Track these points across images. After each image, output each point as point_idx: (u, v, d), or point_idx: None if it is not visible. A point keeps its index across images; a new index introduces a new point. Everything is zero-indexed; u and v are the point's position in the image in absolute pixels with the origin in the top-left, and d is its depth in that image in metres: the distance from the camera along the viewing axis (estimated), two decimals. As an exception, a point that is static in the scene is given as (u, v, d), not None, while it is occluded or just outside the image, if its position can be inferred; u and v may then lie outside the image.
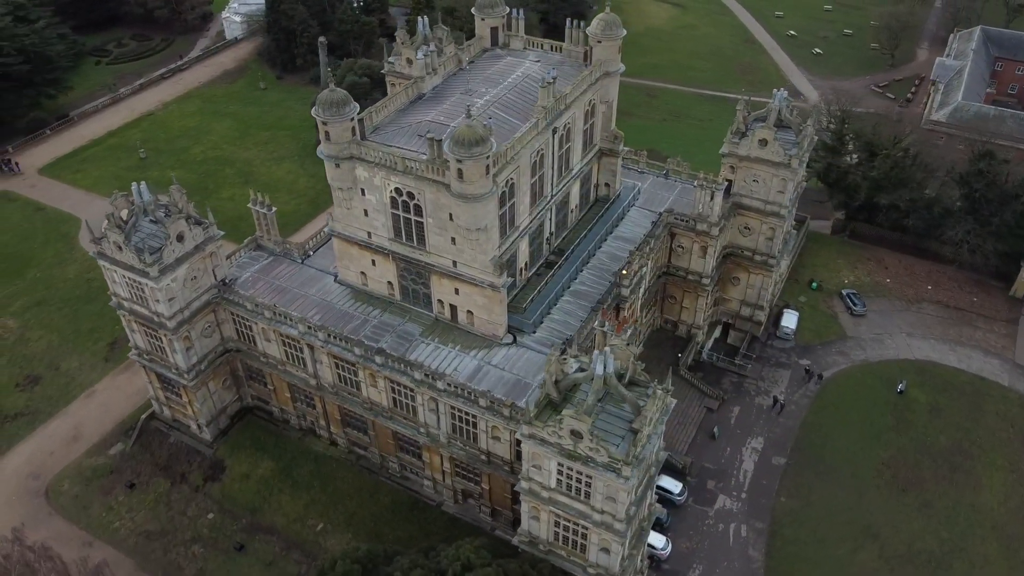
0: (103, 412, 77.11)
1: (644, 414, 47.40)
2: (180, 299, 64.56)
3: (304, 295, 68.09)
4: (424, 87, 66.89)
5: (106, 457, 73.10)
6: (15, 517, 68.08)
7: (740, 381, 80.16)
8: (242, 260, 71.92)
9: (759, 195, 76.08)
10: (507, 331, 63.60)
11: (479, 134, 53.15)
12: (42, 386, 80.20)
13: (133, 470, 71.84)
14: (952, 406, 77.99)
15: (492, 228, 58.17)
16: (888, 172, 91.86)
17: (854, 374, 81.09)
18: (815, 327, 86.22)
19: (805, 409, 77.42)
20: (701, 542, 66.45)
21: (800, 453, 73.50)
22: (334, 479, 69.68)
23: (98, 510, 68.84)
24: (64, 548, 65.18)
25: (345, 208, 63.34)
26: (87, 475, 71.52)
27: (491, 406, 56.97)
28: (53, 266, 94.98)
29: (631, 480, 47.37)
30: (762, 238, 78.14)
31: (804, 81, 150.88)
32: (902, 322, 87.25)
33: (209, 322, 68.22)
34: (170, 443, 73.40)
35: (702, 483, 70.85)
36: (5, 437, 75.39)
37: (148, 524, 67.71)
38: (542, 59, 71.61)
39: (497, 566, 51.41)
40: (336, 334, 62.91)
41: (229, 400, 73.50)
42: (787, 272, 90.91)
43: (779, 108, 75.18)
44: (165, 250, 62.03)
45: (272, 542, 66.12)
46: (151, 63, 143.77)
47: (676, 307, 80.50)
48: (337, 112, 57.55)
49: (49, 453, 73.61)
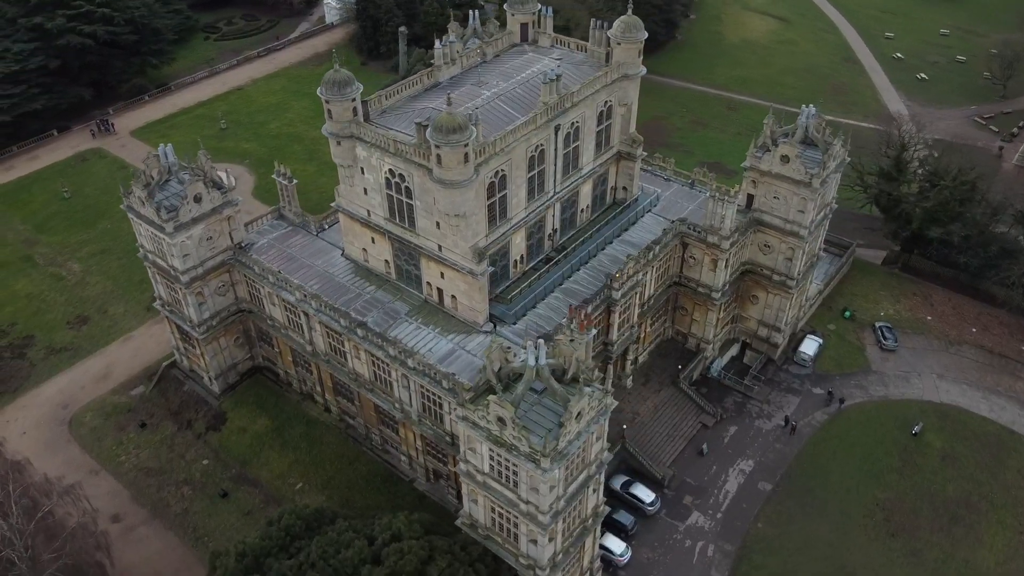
0: (134, 356, 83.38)
1: (570, 409, 47.63)
2: (194, 256, 69.25)
3: (310, 265, 71.53)
4: (441, 76, 68.91)
5: (127, 397, 79.11)
6: (39, 439, 74.95)
7: (744, 402, 78.19)
8: (263, 227, 76.18)
9: (779, 213, 74.01)
10: (488, 319, 64.74)
11: (457, 122, 54.63)
12: (88, 326, 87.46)
13: (147, 411, 77.47)
14: (969, 456, 73.44)
15: (473, 216, 59.50)
16: (943, 204, 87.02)
17: (868, 409, 77.54)
18: (838, 357, 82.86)
19: (805, 438, 74.76)
20: (664, 555, 65.56)
21: (789, 481, 71.14)
22: (321, 443, 72.87)
23: (109, 444, 74.69)
24: (72, 472, 71.53)
25: (348, 185, 66.26)
26: (108, 411, 77.65)
27: (452, 388, 58.36)
28: (122, 220, 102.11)
29: (549, 472, 47.74)
30: (781, 257, 75.96)
31: (900, 106, 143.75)
32: (935, 362, 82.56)
33: (224, 281, 72.74)
34: (184, 391, 78.64)
35: (679, 497, 69.79)
36: (48, 367, 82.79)
37: (149, 462, 72.94)
38: (564, 57, 72.22)
39: (425, 541, 52.86)
40: (327, 304, 65.94)
41: (241, 358, 78.00)
42: (818, 298, 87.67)
43: (806, 124, 72.92)
44: (182, 209, 66.77)
45: (254, 494, 69.95)
46: (253, 42, 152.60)
47: (687, 319, 79.28)
48: (339, 92, 60.38)
49: (80, 387, 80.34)
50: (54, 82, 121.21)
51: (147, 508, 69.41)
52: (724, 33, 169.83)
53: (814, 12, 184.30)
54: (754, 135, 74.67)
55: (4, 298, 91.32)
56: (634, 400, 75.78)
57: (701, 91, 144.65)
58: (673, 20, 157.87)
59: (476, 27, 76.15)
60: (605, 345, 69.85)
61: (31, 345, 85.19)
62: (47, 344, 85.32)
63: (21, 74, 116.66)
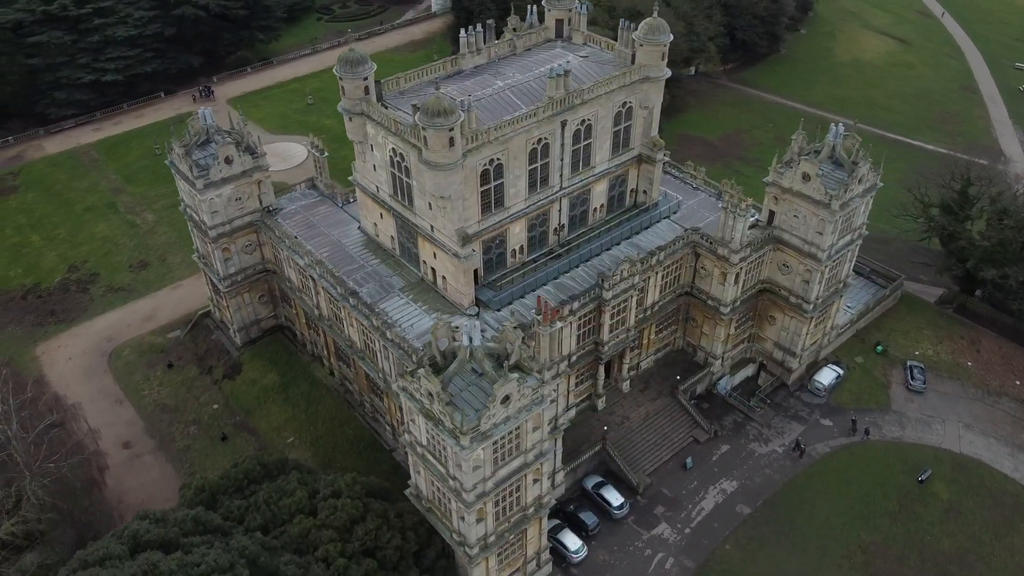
0: (178, 303, 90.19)
1: (495, 392, 48.62)
2: (223, 214, 74.42)
3: (326, 234, 75.28)
4: (465, 64, 70.90)
5: (163, 339, 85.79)
6: (80, 365, 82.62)
7: (744, 422, 76.14)
8: (295, 195, 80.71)
9: (799, 232, 71.63)
10: (474, 303, 66.27)
11: (443, 106, 56.41)
12: (147, 271, 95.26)
13: (177, 354, 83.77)
14: (977, 512, 68.73)
15: (459, 199, 61.14)
16: (1003, 244, 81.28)
17: (876, 448, 73.80)
18: (858, 391, 79.12)
19: (800, 468, 72.06)
20: (621, 560, 65.16)
21: (770, 508, 68.90)
22: (319, 404, 76.64)
23: (138, 378, 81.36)
24: (99, 399, 78.72)
25: (361, 161, 69.40)
26: (144, 349, 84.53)
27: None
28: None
29: (469, 451, 48.93)
30: (799, 279, 73.47)
31: (1015, 143, 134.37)
32: (964, 410, 77.41)
33: (251, 241, 77.68)
34: (211, 339, 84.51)
35: (651, 506, 69.01)
36: (104, 304, 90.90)
37: (167, 399, 79.01)
38: (591, 56, 72.52)
39: (361, 502, 55.23)
40: (329, 271, 69.42)
41: (265, 315, 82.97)
42: (850, 328, 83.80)
43: (834, 143, 70.17)
44: (212, 168, 71.95)
45: (250, 441, 74.54)
46: (360, 25, 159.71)
47: (697, 332, 77.91)
48: (351, 70, 63.44)
49: (127, 324, 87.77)
50: (167, 48, 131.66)
51: (155, 440, 75.32)
52: (834, 50, 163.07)
53: (940, 35, 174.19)
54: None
55: (84, 238, 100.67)
56: (628, 405, 75.30)
57: (793, 107, 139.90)
58: (777, 33, 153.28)
59: (532, 22, 77.69)
60: (596, 345, 69.83)
61: (95, 282, 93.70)
62: (108, 283, 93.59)
63: (138, 38, 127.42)
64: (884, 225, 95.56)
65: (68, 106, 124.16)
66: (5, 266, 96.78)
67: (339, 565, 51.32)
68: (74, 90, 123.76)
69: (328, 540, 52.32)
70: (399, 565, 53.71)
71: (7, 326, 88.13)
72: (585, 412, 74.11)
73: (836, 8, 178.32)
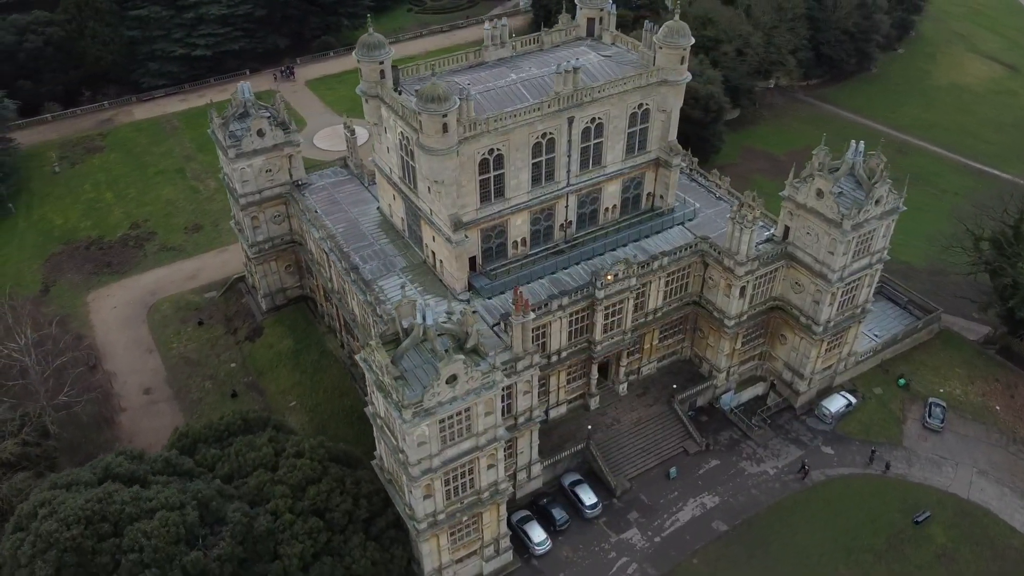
0: (220, 265, 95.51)
1: (439, 371, 49.88)
2: (253, 184, 78.59)
3: (346, 211, 78.26)
4: (488, 56, 72.33)
5: (200, 298, 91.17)
6: (122, 314, 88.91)
7: (740, 440, 74.45)
8: (326, 173, 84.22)
9: (811, 250, 69.54)
10: (467, 289, 67.61)
11: (438, 92, 58.00)
12: (199, 234, 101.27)
13: (209, 313, 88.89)
14: (972, 562, 65.05)
15: (453, 185, 62.56)
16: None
17: (875, 483, 70.74)
18: (867, 422, 75.93)
19: (789, 491, 69.92)
20: (584, 559, 65.13)
21: (748, 529, 67.24)
22: (324, 373, 79.75)
23: (169, 332, 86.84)
24: (132, 346, 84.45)
25: (378, 143, 71.89)
26: (180, 305, 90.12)
27: (399, 340, 62.22)
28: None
29: (411, 425, 50.41)
30: (810, 299, 71.28)
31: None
32: (982, 456, 73.10)
33: (280, 212, 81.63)
34: (241, 302, 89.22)
35: (625, 510, 68.55)
36: (155, 260, 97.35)
37: (191, 353, 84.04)
38: (615, 56, 72.48)
39: (320, 465, 57.62)
40: (337, 246, 72.31)
41: (291, 284, 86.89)
42: (872, 357, 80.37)
43: (853, 161, 67.73)
44: (244, 139, 76.12)
45: (257, 400, 78.44)
46: (447, 19, 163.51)
47: (704, 343, 76.66)
48: (367, 53, 66.07)
49: (171, 281, 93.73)
50: (257, 28, 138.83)
51: (173, 390, 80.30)
52: (932, 73, 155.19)
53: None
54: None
55: (150, 199, 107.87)
56: (622, 408, 74.94)
57: (875, 128, 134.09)
58: (867, 51, 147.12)
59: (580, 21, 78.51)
60: (589, 343, 69.89)
61: (151, 240, 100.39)
62: (163, 242, 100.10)
63: (230, 17, 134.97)
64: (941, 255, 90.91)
65: (160, 76, 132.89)
66: (78, 218, 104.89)
67: (286, 520, 53.80)
68: (166, 62, 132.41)
69: (280, 495, 54.87)
70: (346, 528, 55.69)
71: (68, 272, 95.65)
72: (577, 410, 74.24)
73: (943, 29, 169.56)
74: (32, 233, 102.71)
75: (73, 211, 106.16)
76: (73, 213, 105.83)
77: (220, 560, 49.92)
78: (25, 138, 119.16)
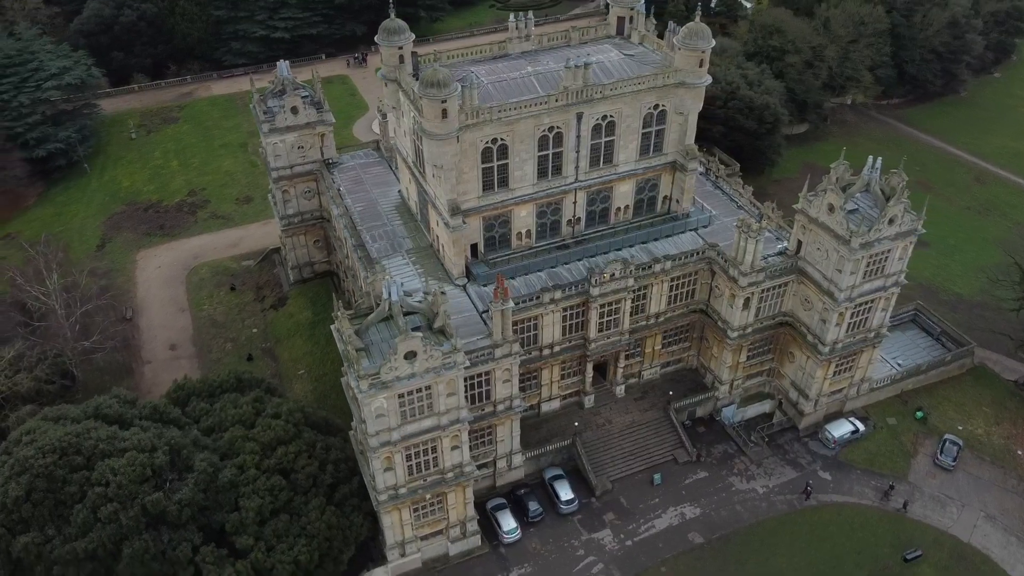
0: (262, 236, 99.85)
1: (396, 345, 51.16)
2: (285, 159, 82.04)
3: (368, 192, 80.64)
4: (512, 48, 73.25)
5: (237, 265, 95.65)
6: (163, 274, 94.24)
7: (735, 455, 72.74)
8: (358, 155, 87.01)
9: (820, 266, 67.37)
10: (464, 275, 68.66)
11: (437, 78, 59.31)
12: (248, 205, 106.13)
13: (242, 280, 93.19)
14: (958, 608, 61.65)
15: (452, 170, 63.71)
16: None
17: (868, 514, 67.88)
18: (875, 451, 72.82)
19: (775, 512, 67.91)
20: (551, 552, 65.18)
21: (724, 544, 65.72)
22: (335, 346, 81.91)
23: (202, 294, 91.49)
24: (167, 304, 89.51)
25: (396, 126, 73.85)
26: (217, 270, 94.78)
27: (388, 317, 63.91)
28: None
29: (366, 396, 51.93)
30: (817, 317, 69.05)
31: None
32: (992, 501, 69.00)
33: (310, 188, 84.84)
34: (273, 272, 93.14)
35: (602, 511, 68.14)
36: (203, 226, 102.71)
37: (218, 316, 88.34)
38: (638, 55, 72.00)
39: (294, 427, 59.88)
40: (351, 223, 74.70)
41: (319, 259, 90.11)
42: (890, 385, 76.94)
43: (869, 179, 65.18)
44: (278, 115, 79.57)
45: (269, 366, 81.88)
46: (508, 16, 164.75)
47: (709, 353, 75.28)
48: (388, 38, 67.98)
49: (214, 247, 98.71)
50: (336, 15, 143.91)
51: (196, 348, 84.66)
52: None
53: None
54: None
55: (211, 169, 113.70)
56: (616, 410, 74.46)
57: (953, 154, 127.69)
58: (956, 73, 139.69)
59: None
60: (584, 341, 69.82)
61: (203, 207, 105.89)
62: (214, 210, 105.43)
63: (311, 2, 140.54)
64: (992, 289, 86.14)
65: (240, 56, 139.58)
66: (144, 182, 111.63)
67: (250, 475, 56.25)
68: (247, 42, 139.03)
69: (250, 451, 57.41)
70: (308, 491, 57.71)
71: (125, 231, 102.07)
72: (571, 407, 74.24)
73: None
74: (101, 193, 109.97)
75: (140, 175, 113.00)
76: (140, 177, 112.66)
77: (180, 504, 52.71)
78: (111, 105, 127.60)
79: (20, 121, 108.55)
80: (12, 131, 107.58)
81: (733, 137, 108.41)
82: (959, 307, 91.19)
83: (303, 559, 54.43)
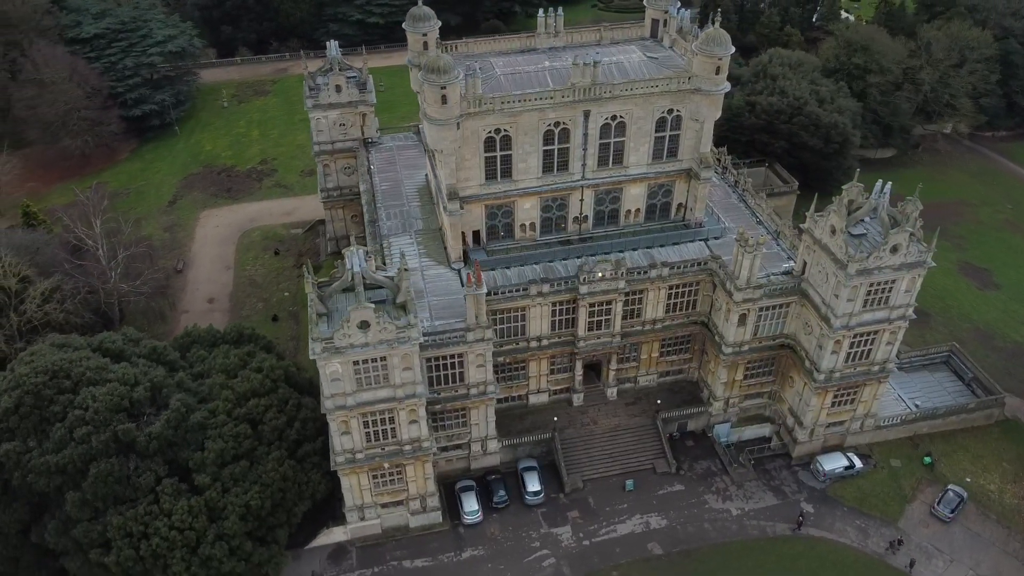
0: (315, 208, 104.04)
1: (350, 313, 53.51)
2: (327, 134, 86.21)
3: (395, 172, 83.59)
4: (539, 43, 74.26)
5: (287, 232, 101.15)
6: (219, 233, 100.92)
7: (717, 473, 71.14)
8: (398, 136, 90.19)
9: (820, 290, 64.94)
10: (461, 260, 70.36)
11: (439, 64, 61.21)
12: (310, 178, 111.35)
13: (287, 246, 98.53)
14: (917, 664, 58.23)
15: (452, 156, 65.46)
16: None
17: (845, 554, 64.99)
18: (868, 491, 69.42)
19: (745, 536, 66.08)
20: (508, 540, 66.06)
21: (684, 559, 64.60)
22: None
23: (249, 255, 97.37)
24: (216, 261, 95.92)
25: (420, 111, 76.20)
26: (267, 235, 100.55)
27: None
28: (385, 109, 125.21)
29: (320, 359, 54.62)
30: (815, 343, 66.61)
31: None
32: (987, 560, 64.49)
33: (350, 164, 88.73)
34: (315, 242, 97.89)
35: (567, 507, 68.36)
36: (265, 193, 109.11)
37: (258, 277, 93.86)
38: (662, 58, 71.34)
39: (272, 382, 63.46)
40: (372, 200, 77.90)
41: (356, 233, 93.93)
42: (902, 426, 72.98)
43: (877, 204, 62.18)
44: (322, 92, 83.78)
45: (291, 328, 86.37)
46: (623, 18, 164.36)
47: (708, 367, 73.86)
48: (413, 24, 70.54)
49: (269, 213, 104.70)
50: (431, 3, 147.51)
51: (231, 304, 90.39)
52: None
53: None
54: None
55: (285, 142, 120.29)
56: (604, 411, 74.31)
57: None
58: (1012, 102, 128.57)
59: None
60: (573, 338, 70.13)
61: (269, 176, 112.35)
62: (277, 180, 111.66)
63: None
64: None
65: (337, 37, 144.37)
66: (224, 148, 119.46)
67: (219, 420, 60.16)
68: (344, 25, 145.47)
69: (224, 399, 61.33)
70: (272, 443, 61.09)
71: (196, 190, 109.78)
72: (560, 403, 74.64)
73: None
74: (185, 154, 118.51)
75: (223, 141, 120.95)
76: (222, 143, 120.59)
77: (149, 436, 57.12)
78: (212, 75, 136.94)
79: (123, 82, 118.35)
80: (114, 90, 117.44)
81: (797, 154, 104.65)
82: (1015, 356, 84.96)
83: (254, 504, 57.79)
